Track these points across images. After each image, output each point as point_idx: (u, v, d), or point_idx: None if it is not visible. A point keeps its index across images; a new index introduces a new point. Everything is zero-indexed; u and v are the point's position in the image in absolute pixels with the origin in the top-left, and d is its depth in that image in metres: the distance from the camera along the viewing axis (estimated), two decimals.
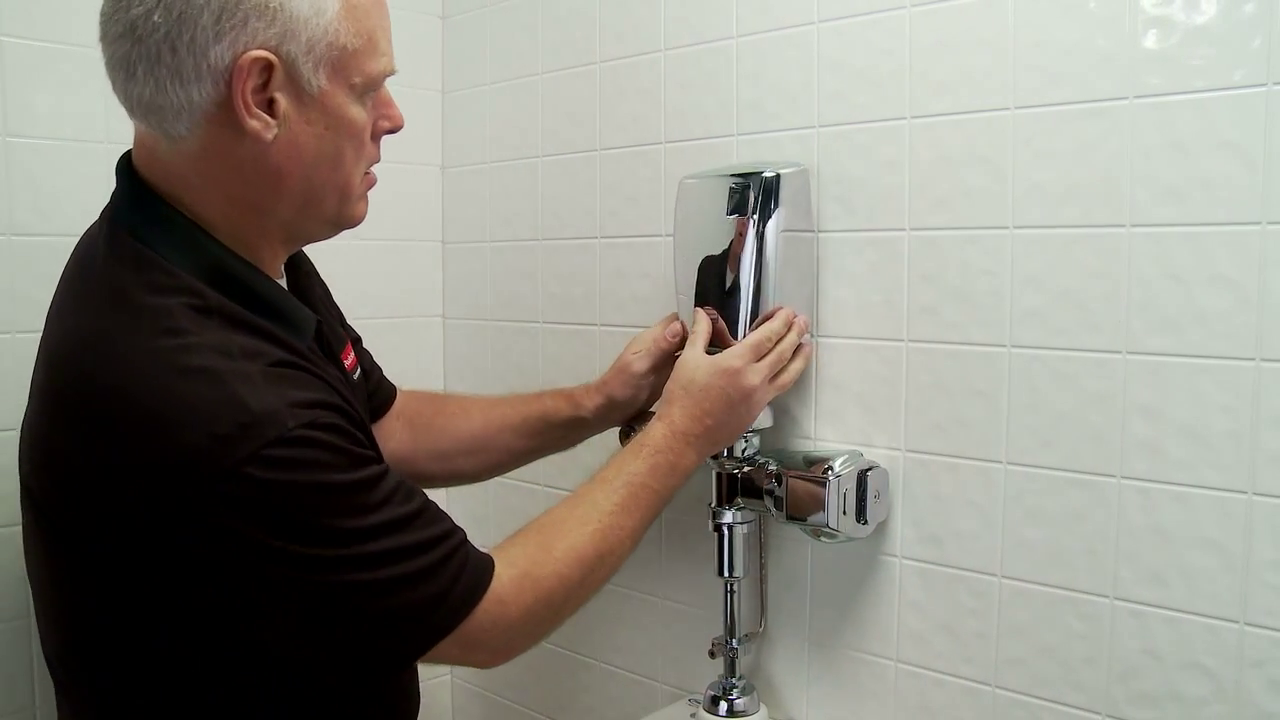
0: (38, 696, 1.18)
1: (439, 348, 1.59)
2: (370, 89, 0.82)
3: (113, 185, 1.23)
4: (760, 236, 1.04)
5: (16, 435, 1.14)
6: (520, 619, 0.82)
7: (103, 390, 0.72)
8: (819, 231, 1.10)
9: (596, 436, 1.18)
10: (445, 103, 1.55)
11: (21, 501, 0.82)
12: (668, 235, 1.25)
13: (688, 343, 1.05)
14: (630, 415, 1.15)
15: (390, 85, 0.86)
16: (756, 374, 0.99)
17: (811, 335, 1.09)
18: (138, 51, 0.73)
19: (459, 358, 1.57)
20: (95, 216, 1.25)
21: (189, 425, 0.68)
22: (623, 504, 0.91)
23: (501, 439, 1.16)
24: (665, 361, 1.11)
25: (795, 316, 1.05)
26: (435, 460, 1.16)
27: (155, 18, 0.72)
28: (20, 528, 1.19)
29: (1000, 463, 0.99)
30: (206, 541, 0.70)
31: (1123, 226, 0.91)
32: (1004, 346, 0.98)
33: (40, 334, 0.84)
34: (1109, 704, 0.94)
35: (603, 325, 1.34)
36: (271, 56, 0.74)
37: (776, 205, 1.05)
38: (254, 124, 0.75)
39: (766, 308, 1.05)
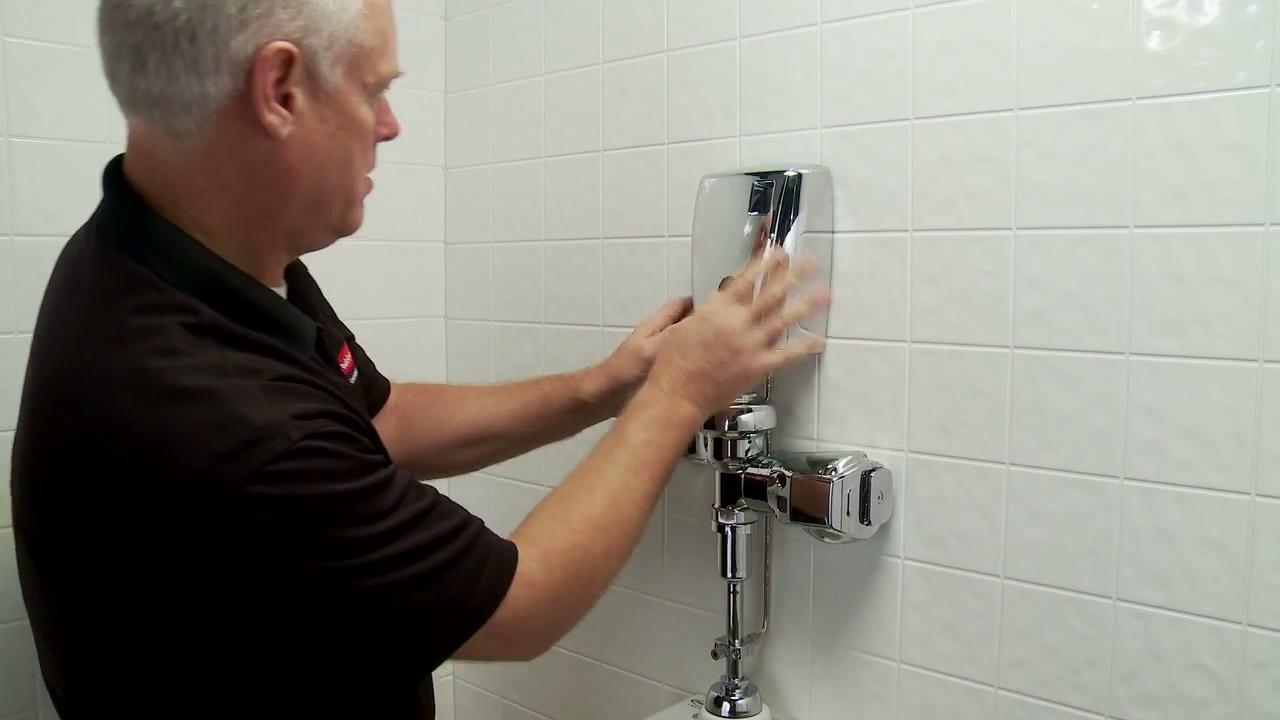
0: (40, 697, 1.18)
1: (441, 348, 1.59)
2: (380, 89, 0.81)
3: None
4: (781, 236, 1.04)
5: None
6: (552, 599, 0.80)
7: (96, 422, 0.68)
8: (834, 232, 1.10)
9: (594, 431, 1.18)
10: (448, 103, 1.55)
11: (15, 533, 0.78)
12: (671, 236, 1.25)
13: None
14: None
15: (392, 85, 0.85)
16: (733, 314, 0.98)
17: (821, 335, 1.09)
18: (152, 40, 0.70)
19: (461, 358, 1.57)
20: None
21: (190, 449, 0.65)
22: (628, 465, 0.89)
23: (499, 427, 1.15)
24: None
25: (783, 253, 1.04)
26: (432, 452, 1.14)
27: (176, 3, 0.69)
28: None
29: (1003, 464, 0.99)
30: (220, 567, 0.67)
31: (1125, 228, 0.91)
32: (1007, 347, 0.98)
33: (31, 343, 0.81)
34: (1111, 705, 0.94)
35: (605, 326, 1.34)
36: (294, 49, 0.71)
37: (798, 205, 1.05)
38: (271, 118, 0.72)
39: (783, 306, 1.04)
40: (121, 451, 0.67)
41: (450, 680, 1.63)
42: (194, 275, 0.74)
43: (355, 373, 0.98)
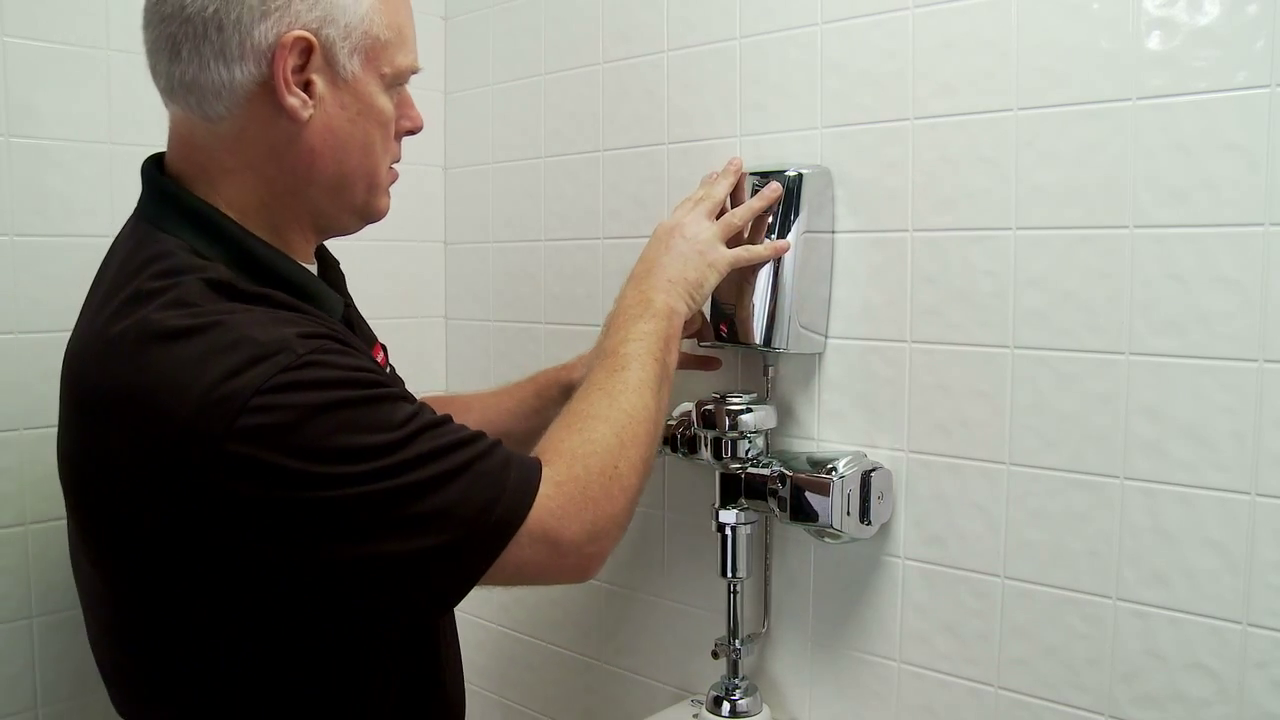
0: (39, 697, 1.18)
1: (441, 348, 1.59)
2: (398, 82, 0.86)
3: (113, 185, 1.24)
4: (781, 235, 1.05)
5: (17, 436, 1.16)
6: (582, 493, 0.80)
7: (113, 378, 0.71)
8: (834, 232, 1.10)
9: None
10: (448, 103, 1.55)
11: (67, 517, 0.81)
12: None
13: None
14: None
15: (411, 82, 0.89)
16: (678, 212, 1.04)
17: (825, 338, 1.09)
18: (184, 31, 0.76)
19: (461, 358, 1.57)
20: (98, 216, 1.25)
21: (199, 373, 0.68)
22: (614, 367, 0.90)
23: (502, 426, 1.15)
24: None
25: (737, 160, 1.09)
26: None
27: None
28: (22, 529, 1.19)
29: (1003, 464, 0.99)
30: (245, 486, 0.68)
31: (1125, 228, 0.91)
32: (1007, 347, 0.98)
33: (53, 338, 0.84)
34: (1112, 705, 0.94)
35: None
36: (311, 38, 0.77)
37: (798, 205, 1.05)
38: (292, 101, 0.78)
39: (785, 307, 1.05)
40: (140, 396, 0.70)
41: None
42: (222, 244, 0.79)
43: (389, 368, 1.00)
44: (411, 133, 0.91)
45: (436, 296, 1.59)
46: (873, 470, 1.03)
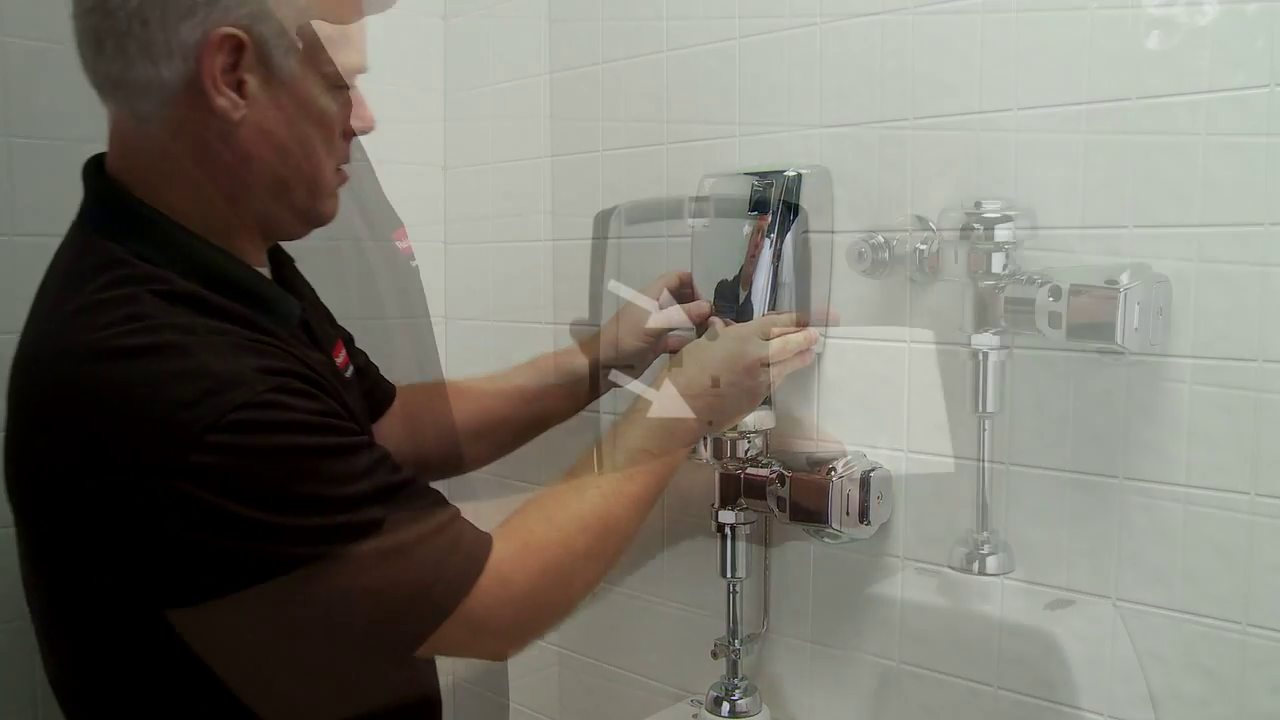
0: (39, 698, 1.17)
1: (441, 349, 1.59)
2: (342, 81, 0.81)
3: None
4: (780, 236, 1.05)
5: None
6: (526, 594, 0.78)
7: (62, 385, 0.69)
8: (834, 232, 1.10)
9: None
10: (447, 103, 1.55)
11: (15, 526, 0.79)
12: (671, 236, 1.25)
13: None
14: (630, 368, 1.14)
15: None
16: (763, 348, 0.98)
17: (823, 336, 1.10)
18: (107, 25, 0.72)
19: (461, 359, 1.57)
20: None
21: (151, 399, 0.66)
22: (624, 469, 0.88)
23: (501, 412, 1.14)
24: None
25: (809, 326, 1.05)
26: (441, 448, 1.14)
27: None
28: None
29: (1003, 463, 0.99)
30: (183, 522, 0.66)
31: (1124, 227, 0.91)
32: (1006, 347, 0.98)
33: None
34: (1111, 705, 0.94)
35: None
36: (243, 35, 0.73)
37: (797, 205, 1.05)
38: (222, 102, 0.74)
39: (782, 306, 1.05)
40: (86, 411, 0.67)
41: (449, 681, 1.63)
42: (169, 251, 0.75)
43: (350, 368, 0.98)
44: (363, 132, 0.86)
45: (436, 297, 1.58)
46: (872, 470, 1.03)
